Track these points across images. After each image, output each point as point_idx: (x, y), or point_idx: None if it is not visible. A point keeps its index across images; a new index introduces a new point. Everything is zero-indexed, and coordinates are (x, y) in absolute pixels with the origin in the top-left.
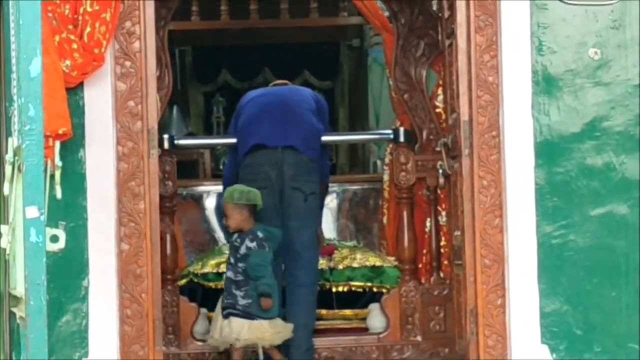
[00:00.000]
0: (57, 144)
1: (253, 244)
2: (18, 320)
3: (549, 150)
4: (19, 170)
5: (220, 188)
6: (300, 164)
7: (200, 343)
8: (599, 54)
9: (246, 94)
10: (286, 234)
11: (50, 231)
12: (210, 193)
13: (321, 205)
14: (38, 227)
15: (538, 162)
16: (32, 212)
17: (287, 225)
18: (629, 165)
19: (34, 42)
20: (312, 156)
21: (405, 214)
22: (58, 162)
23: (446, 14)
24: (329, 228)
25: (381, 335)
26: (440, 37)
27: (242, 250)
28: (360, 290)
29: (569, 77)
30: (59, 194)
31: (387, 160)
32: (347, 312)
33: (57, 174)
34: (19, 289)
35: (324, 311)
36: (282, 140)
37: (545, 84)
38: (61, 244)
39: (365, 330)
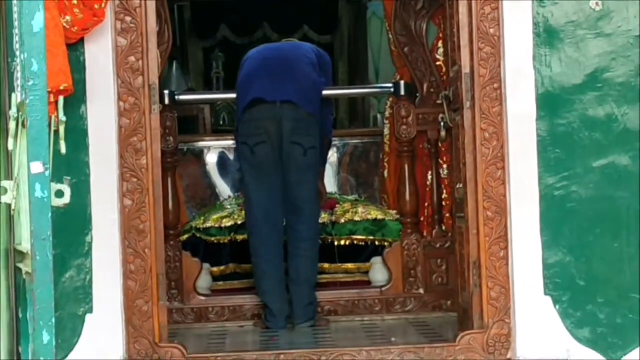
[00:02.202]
0: (61, 99)
1: None
2: (24, 276)
3: (550, 102)
4: (23, 125)
5: (220, 143)
6: (299, 118)
7: (203, 297)
8: (600, 4)
9: (249, 51)
10: (286, 188)
11: (54, 186)
12: (210, 148)
13: (323, 160)
14: (43, 182)
15: (540, 114)
16: (37, 167)
17: (287, 179)
18: (631, 116)
19: None
20: (312, 110)
21: (406, 167)
22: (62, 117)
23: None
24: (329, 182)
25: (384, 289)
26: None
27: None
28: (362, 243)
29: (570, 29)
30: (63, 149)
31: (387, 113)
32: (350, 265)
33: (61, 129)
34: (24, 245)
35: (326, 265)
36: (280, 94)
37: (547, 36)
38: (66, 199)
39: (367, 283)
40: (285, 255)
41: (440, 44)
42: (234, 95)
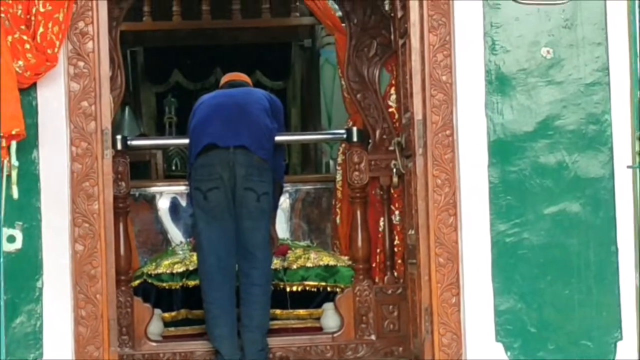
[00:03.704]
0: (13, 143)
1: None
2: None
3: (502, 149)
4: None
5: (172, 189)
6: (252, 164)
7: (154, 344)
8: (551, 52)
9: (201, 97)
10: (239, 234)
11: (6, 231)
12: (162, 194)
13: (275, 205)
14: None
15: (492, 161)
16: None
17: (239, 225)
18: (582, 163)
19: None
20: (264, 156)
21: (358, 213)
22: (14, 161)
23: (399, 13)
24: (282, 228)
25: (335, 335)
26: (393, 37)
27: None
28: (315, 289)
29: (521, 76)
30: (15, 194)
31: (339, 159)
32: (301, 311)
33: (14, 174)
34: None
35: (278, 311)
36: (233, 140)
37: (499, 83)
38: (18, 244)
39: (319, 329)
40: (237, 301)
41: (393, 90)
42: (186, 141)
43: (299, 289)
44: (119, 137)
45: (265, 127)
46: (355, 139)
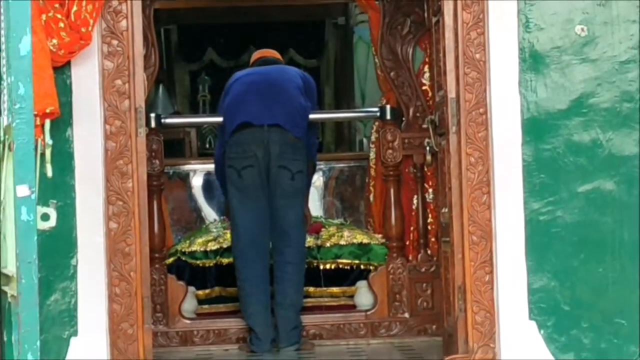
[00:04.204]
0: (47, 122)
1: None
2: (9, 299)
3: (536, 127)
4: (10, 148)
5: (206, 167)
6: (287, 142)
7: (188, 321)
8: (585, 30)
9: (234, 74)
10: (273, 212)
11: (41, 209)
12: (196, 172)
13: (308, 184)
14: (29, 206)
15: (525, 139)
16: (23, 190)
17: (274, 203)
18: (616, 141)
19: (23, 20)
20: (299, 134)
21: (392, 191)
22: (48, 140)
23: None
24: (315, 206)
25: (369, 313)
26: (426, 15)
27: None
28: (348, 267)
29: (555, 54)
30: (49, 172)
31: (373, 138)
32: (335, 289)
33: (48, 152)
34: (10, 268)
35: (311, 289)
36: (268, 118)
37: (533, 61)
38: (52, 222)
39: (353, 307)
40: (271, 279)
41: (426, 68)
42: (219, 119)
43: (333, 266)
44: (152, 115)
45: (299, 105)
46: (388, 117)
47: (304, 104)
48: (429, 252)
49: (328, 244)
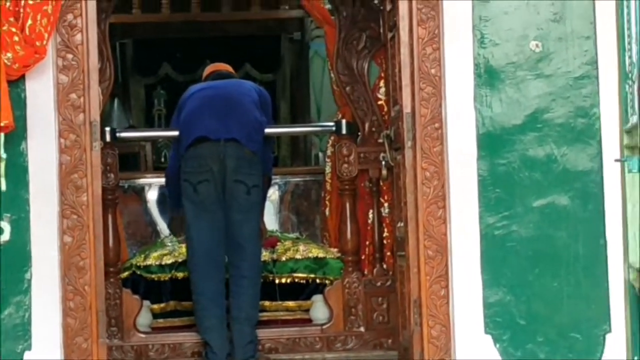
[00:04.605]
0: (1, 135)
1: None
2: None
3: (491, 142)
4: None
5: (161, 180)
6: (243, 156)
7: (143, 335)
8: (540, 46)
9: (188, 88)
10: (229, 226)
11: None
12: (151, 185)
13: (264, 198)
14: None
15: (481, 154)
16: None
17: (229, 218)
18: (570, 156)
19: None
20: (254, 149)
21: (347, 205)
22: (2, 154)
23: (388, 6)
24: (271, 220)
25: (325, 327)
26: (382, 30)
27: None
28: (304, 281)
29: (510, 70)
30: (3, 186)
31: (329, 152)
32: (291, 303)
33: (2, 166)
34: None
35: (267, 303)
36: (224, 132)
37: (488, 76)
38: (6, 236)
39: (308, 321)
40: (227, 293)
41: (382, 83)
42: (173, 133)
43: (288, 280)
44: (107, 129)
45: (255, 120)
46: (344, 131)
47: (259, 118)
48: (384, 266)
49: (284, 258)
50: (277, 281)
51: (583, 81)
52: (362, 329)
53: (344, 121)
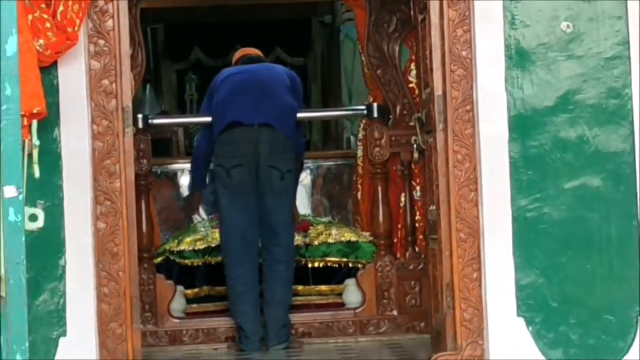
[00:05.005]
0: (34, 122)
1: None
2: None
3: (523, 124)
4: None
5: None
6: (276, 141)
7: (177, 320)
8: (570, 27)
9: (220, 72)
10: (262, 211)
11: (28, 210)
12: (184, 171)
13: (296, 182)
14: (17, 206)
15: (512, 136)
16: (11, 191)
17: (263, 202)
18: (602, 137)
19: (9, 20)
20: (288, 133)
21: (379, 189)
22: (36, 141)
23: None
24: (303, 204)
25: (357, 310)
26: (412, 12)
27: None
28: (336, 265)
29: (541, 51)
30: (37, 172)
31: (360, 135)
32: (323, 287)
33: (35, 153)
34: None
35: (300, 287)
36: (258, 117)
37: (518, 58)
38: (40, 222)
39: (341, 305)
40: (260, 278)
41: (412, 66)
42: (206, 119)
43: (321, 265)
44: (140, 115)
45: (288, 104)
46: (375, 114)
47: (292, 102)
48: (416, 249)
49: (316, 242)
50: (309, 265)
51: (614, 62)
52: (394, 312)
53: (375, 104)
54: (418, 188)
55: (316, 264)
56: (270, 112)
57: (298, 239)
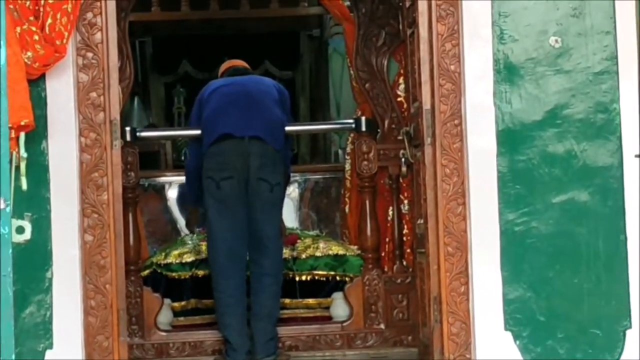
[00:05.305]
0: (22, 135)
1: None
2: None
3: (511, 138)
4: None
5: (181, 179)
6: (266, 154)
7: (164, 333)
8: (559, 42)
9: (208, 83)
10: (251, 224)
11: (15, 222)
12: (172, 184)
13: (283, 195)
14: (4, 218)
15: (500, 150)
16: None
17: (252, 215)
18: (590, 152)
19: None
20: (277, 146)
21: (367, 202)
22: (23, 153)
23: (407, 3)
24: (291, 217)
25: (345, 324)
26: (401, 27)
27: None
28: (324, 279)
29: (530, 65)
30: (24, 185)
31: (348, 149)
32: (311, 301)
33: (22, 165)
34: None
35: (287, 300)
36: (248, 130)
37: (507, 72)
38: (27, 235)
39: (328, 318)
40: (248, 290)
41: (401, 80)
42: (195, 132)
43: (308, 278)
44: (128, 128)
45: (277, 117)
46: (364, 128)
47: (281, 116)
48: (404, 263)
49: (304, 256)
50: (297, 278)
51: (603, 77)
52: (382, 326)
53: (363, 118)
54: (406, 202)
55: (304, 277)
56: (260, 125)
57: (286, 252)
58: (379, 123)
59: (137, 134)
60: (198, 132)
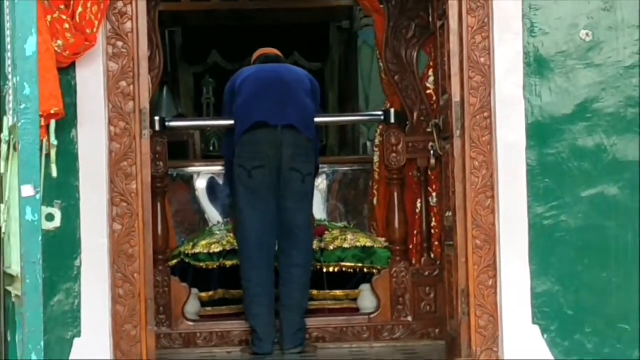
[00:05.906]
0: (52, 123)
1: None
2: (13, 299)
3: (540, 132)
4: (15, 149)
5: (210, 169)
6: (299, 143)
7: (191, 323)
8: (590, 35)
9: (239, 71)
10: (281, 214)
11: (45, 210)
12: (200, 174)
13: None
14: (34, 206)
15: (530, 144)
16: (28, 190)
17: (283, 205)
18: (620, 146)
19: (29, 21)
20: (310, 136)
21: (395, 195)
22: (53, 141)
23: None
24: (319, 209)
25: (372, 316)
26: (431, 19)
27: None
28: (351, 270)
29: (560, 59)
30: (54, 172)
31: (377, 141)
32: (338, 292)
33: (53, 153)
34: (15, 268)
35: (315, 292)
36: (281, 118)
37: (537, 66)
38: (57, 222)
39: (356, 310)
40: (276, 281)
41: (431, 72)
42: (224, 122)
43: (336, 269)
44: (157, 118)
45: (309, 107)
46: (392, 120)
47: (312, 106)
48: (432, 255)
49: (332, 247)
50: (324, 270)
51: (633, 70)
52: (409, 318)
53: (392, 110)
54: (434, 194)
55: (331, 269)
56: (294, 114)
57: (314, 244)
58: (408, 115)
59: (166, 123)
60: (228, 122)
